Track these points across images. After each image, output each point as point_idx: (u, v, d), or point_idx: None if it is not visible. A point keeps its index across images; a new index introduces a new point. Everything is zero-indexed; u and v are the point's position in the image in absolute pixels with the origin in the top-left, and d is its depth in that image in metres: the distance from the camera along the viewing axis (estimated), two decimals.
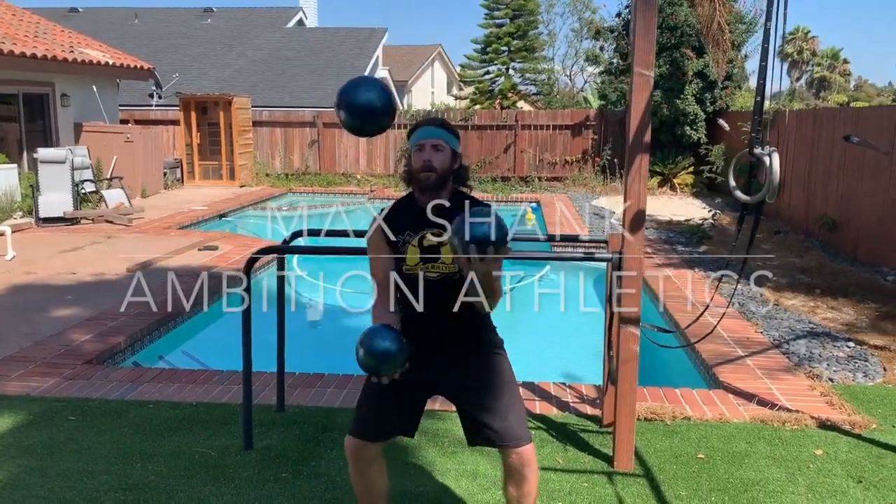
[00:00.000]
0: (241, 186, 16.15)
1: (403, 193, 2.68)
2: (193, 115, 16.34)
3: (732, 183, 3.39)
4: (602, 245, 3.84)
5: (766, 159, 3.06)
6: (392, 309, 2.54)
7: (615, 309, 3.38)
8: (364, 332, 2.34)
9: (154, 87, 18.51)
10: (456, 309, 2.47)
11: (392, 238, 2.56)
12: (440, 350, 2.58)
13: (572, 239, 4.02)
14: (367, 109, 2.39)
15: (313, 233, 4.13)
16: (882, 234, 8.03)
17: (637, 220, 3.22)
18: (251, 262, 3.52)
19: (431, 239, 2.51)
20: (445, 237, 2.29)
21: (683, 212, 12.37)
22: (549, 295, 8.47)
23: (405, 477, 3.38)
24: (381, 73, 25.81)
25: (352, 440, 2.60)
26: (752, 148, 3.14)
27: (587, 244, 4.44)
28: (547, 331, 6.97)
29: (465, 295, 2.43)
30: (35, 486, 3.31)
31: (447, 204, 2.53)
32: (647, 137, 3.17)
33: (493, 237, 2.20)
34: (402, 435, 2.68)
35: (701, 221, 10.32)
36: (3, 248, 8.57)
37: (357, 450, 2.59)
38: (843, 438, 3.86)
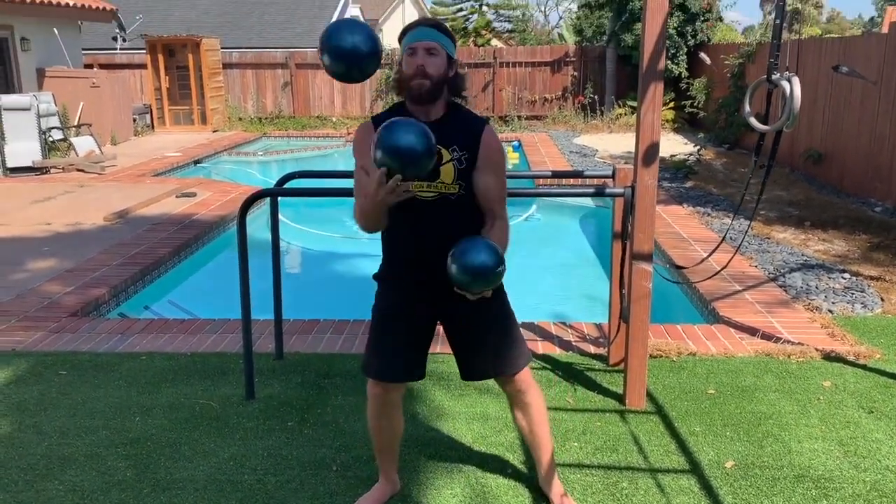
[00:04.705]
0: (213, 131, 15.72)
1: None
2: (161, 58, 15.77)
3: (748, 110, 3.27)
4: (608, 179, 3.72)
5: (786, 84, 2.93)
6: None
7: (623, 244, 3.28)
8: (381, 128, 2.09)
9: (117, 30, 17.82)
10: (452, 231, 2.29)
11: None
12: (439, 275, 2.33)
13: (576, 175, 3.88)
14: (352, 54, 2.19)
15: (307, 175, 3.96)
16: (869, 165, 8.01)
17: (651, 152, 3.09)
18: (248, 203, 3.35)
19: None
20: (452, 275, 2.21)
21: (666, 148, 12.26)
22: (537, 234, 8.40)
23: (415, 422, 3.30)
24: (353, 10, 25.07)
25: (377, 385, 2.51)
26: (770, 73, 3.01)
27: (591, 179, 4.32)
28: (536, 270, 6.90)
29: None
30: (31, 443, 3.18)
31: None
32: (662, 65, 3.03)
33: (494, 267, 2.16)
34: (415, 378, 2.56)
35: (686, 157, 10.24)
36: None
37: (383, 394, 2.52)
38: (849, 369, 3.85)
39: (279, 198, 3.94)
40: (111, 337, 4.44)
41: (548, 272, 6.85)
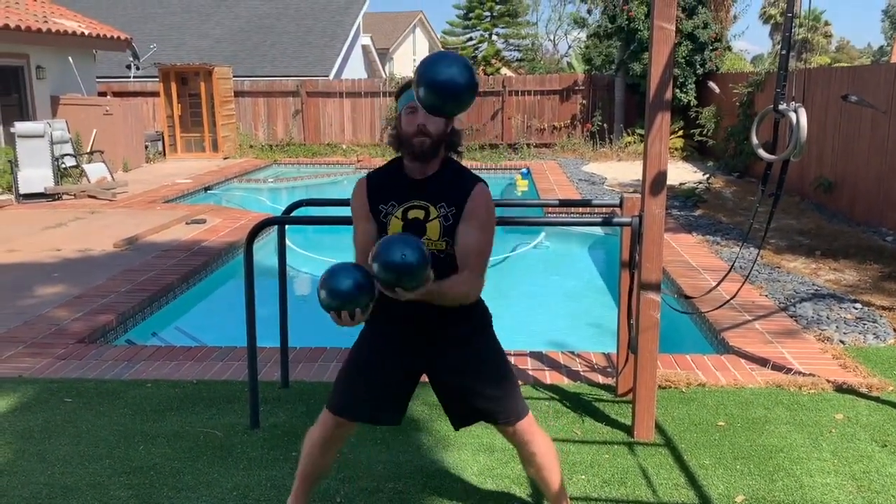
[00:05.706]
0: (224, 158, 15.84)
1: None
2: (173, 86, 15.95)
3: (755, 141, 3.26)
4: (615, 208, 3.71)
5: (793, 115, 2.93)
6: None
7: (629, 274, 3.26)
8: (325, 272, 2.20)
9: (131, 59, 18.05)
10: None
11: (375, 207, 2.36)
12: (427, 330, 2.39)
13: (584, 204, 3.88)
14: (449, 86, 2.10)
15: (314, 203, 3.97)
16: (880, 195, 7.97)
17: (658, 182, 3.08)
18: (254, 232, 3.36)
19: (417, 213, 2.32)
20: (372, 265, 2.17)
21: (675, 176, 12.25)
22: (544, 262, 8.38)
23: (420, 452, 3.27)
24: (363, 40, 25.36)
25: (333, 418, 2.49)
26: (776, 104, 3.01)
27: (599, 208, 4.31)
28: (544, 298, 6.87)
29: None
30: (34, 471, 3.16)
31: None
32: (669, 95, 3.03)
33: (410, 265, 2.08)
34: (389, 423, 2.55)
35: (696, 185, 10.23)
36: None
37: (336, 428, 2.49)
38: (861, 402, 3.79)
39: (286, 225, 3.94)
40: (117, 364, 4.43)
41: (556, 300, 6.82)
